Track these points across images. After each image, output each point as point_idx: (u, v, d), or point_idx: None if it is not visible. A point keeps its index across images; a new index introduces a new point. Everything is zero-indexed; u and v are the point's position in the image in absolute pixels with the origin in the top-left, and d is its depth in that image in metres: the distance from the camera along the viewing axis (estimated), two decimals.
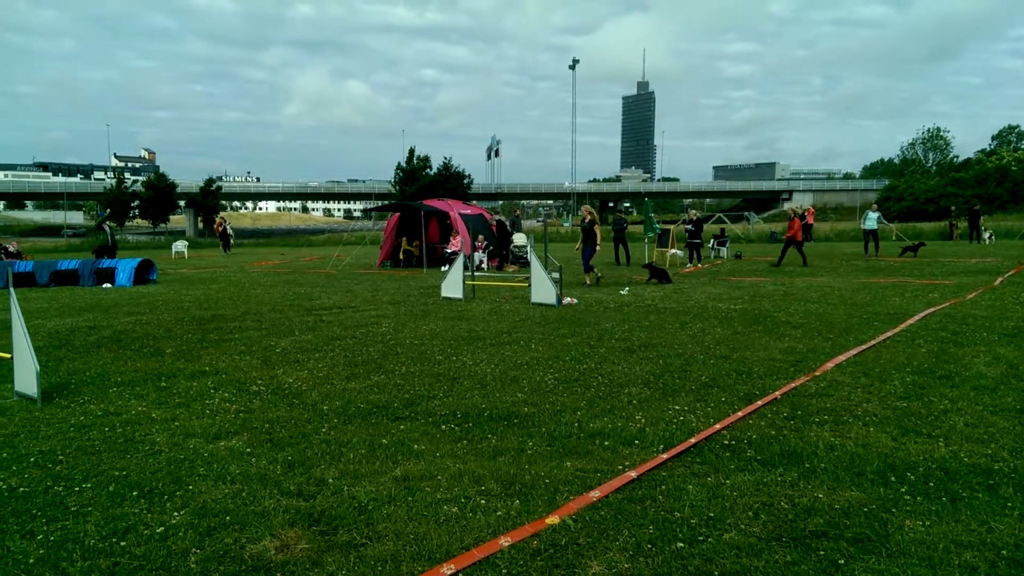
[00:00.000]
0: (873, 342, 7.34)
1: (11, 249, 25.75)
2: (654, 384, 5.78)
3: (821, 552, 2.93)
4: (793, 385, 5.61)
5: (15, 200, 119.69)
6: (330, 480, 3.79)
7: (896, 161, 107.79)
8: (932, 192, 71.99)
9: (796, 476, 3.75)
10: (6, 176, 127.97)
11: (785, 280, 14.51)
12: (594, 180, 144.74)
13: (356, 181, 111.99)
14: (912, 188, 75.14)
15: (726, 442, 4.30)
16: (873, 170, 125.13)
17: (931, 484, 3.61)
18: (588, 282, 14.32)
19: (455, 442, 4.41)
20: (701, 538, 3.07)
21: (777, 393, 5.37)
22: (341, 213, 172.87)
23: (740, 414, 4.85)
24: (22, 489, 3.73)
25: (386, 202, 56.27)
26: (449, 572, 2.79)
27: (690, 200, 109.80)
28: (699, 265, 19.51)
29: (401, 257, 22.41)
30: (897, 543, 3.00)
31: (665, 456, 4.03)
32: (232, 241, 36.53)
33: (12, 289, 5.78)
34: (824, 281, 14.05)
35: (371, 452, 4.23)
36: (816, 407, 5.02)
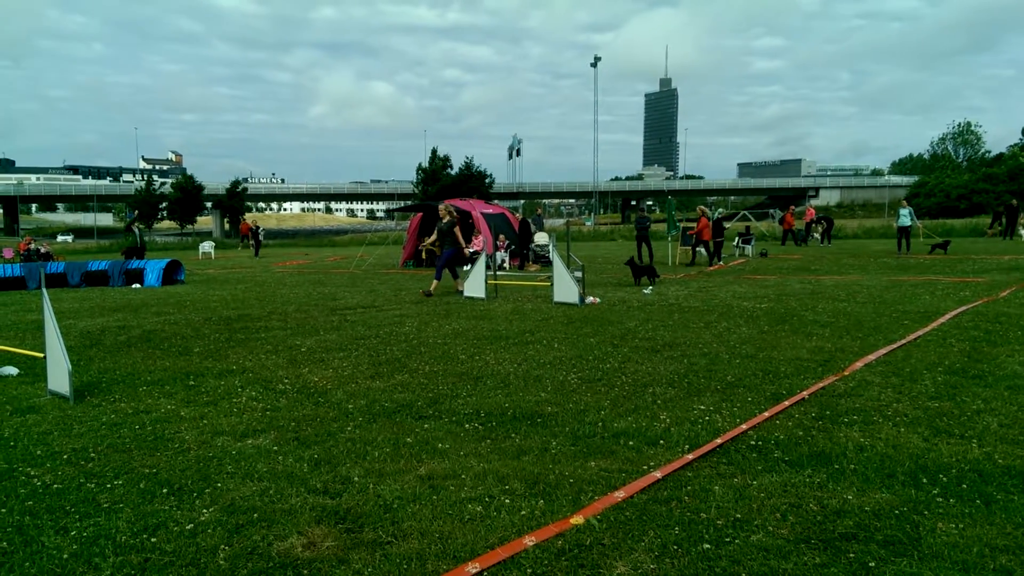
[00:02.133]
0: (903, 341, 7.22)
1: (42, 250, 26.29)
2: (679, 384, 5.74)
3: (851, 555, 2.89)
4: (821, 385, 5.54)
5: (47, 203, 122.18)
6: (356, 478, 3.81)
7: (926, 157, 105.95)
8: (963, 188, 70.58)
9: (825, 477, 3.70)
10: (38, 179, 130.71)
11: (812, 278, 14.33)
12: (616, 178, 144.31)
13: (379, 182, 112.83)
14: (943, 184, 73.74)
15: (753, 442, 4.25)
16: (902, 166, 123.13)
17: (964, 486, 3.54)
18: (460, 288, 12.76)
19: (479, 441, 4.41)
20: (728, 539, 3.04)
21: (805, 393, 5.30)
22: (364, 213, 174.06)
23: (767, 414, 4.79)
24: (56, 486, 3.80)
25: (408, 202, 56.55)
26: (474, 571, 2.80)
27: (714, 198, 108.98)
28: (721, 264, 19.33)
29: (424, 257, 22.50)
30: (929, 546, 2.94)
31: (691, 456, 4.00)
32: (262, 243, 36.49)
33: (45, 290, 5.89)
34: (852, 279, 13.86)
35: (396, 451, 4.25)
36: (845, 407, 4.95)
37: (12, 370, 6.62)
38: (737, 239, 23.76)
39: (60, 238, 74.66)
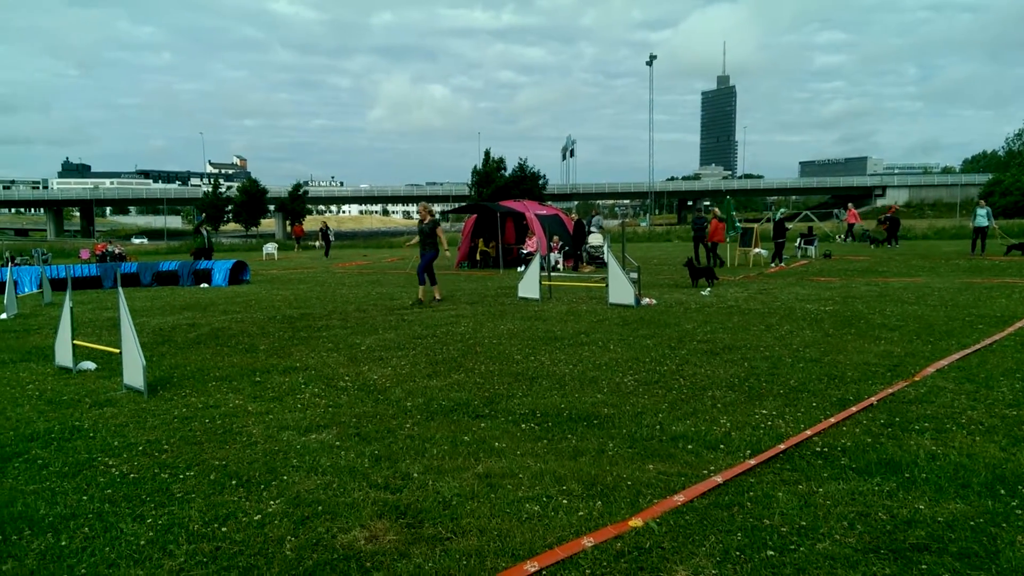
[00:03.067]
0: (978, 346, 6.92)
1: (116, 251, 27.53)
2: (739, 387, 5.64)
3: (923, 566, 2.79)
4: (890, 391, 5.35)
5: (120, 206, 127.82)
6: (415, 474, 3.87)
7: (1001, 154, 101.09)
8: None
9: (895, 486, 3.57)
10: (112, 183, 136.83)
11: (879, 280, 13.85)
12: (672, 178, 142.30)
13: (434, 184, 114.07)
14: (1019, 182, 70.14)
15: (818, 449, 4.14)
16: (975, 163, 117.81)
17: None
18: (438, 296, 12.14)
19: (535, 441, 4.43)
20: (792, 547, 2.97)
21: (873, 399, 5.13)
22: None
23: (833, 420, 4.66)
24: (132, 475, 3.98)
25: (463, 204, 56.95)
26: (532, 570, 2.81)
27: (775, 198, 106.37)
28: (782, 265, 18.87)
29: (478, 258, 22.66)
30: (1008, 560, 2.82)
31: (753, 462, 3.92)
32: (332, 243, 36.81)
33: (120, 289, 6.17)
34: (922, 281, 13.33)
35: (453, 448, 4.30)
36: (916, 414, 4.77)
37: (91, 365, 6.96)
38: (799, 240, 23.15)
39: (135, 240, 77.90)
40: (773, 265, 18.90)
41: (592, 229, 21.98)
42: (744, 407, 5.07)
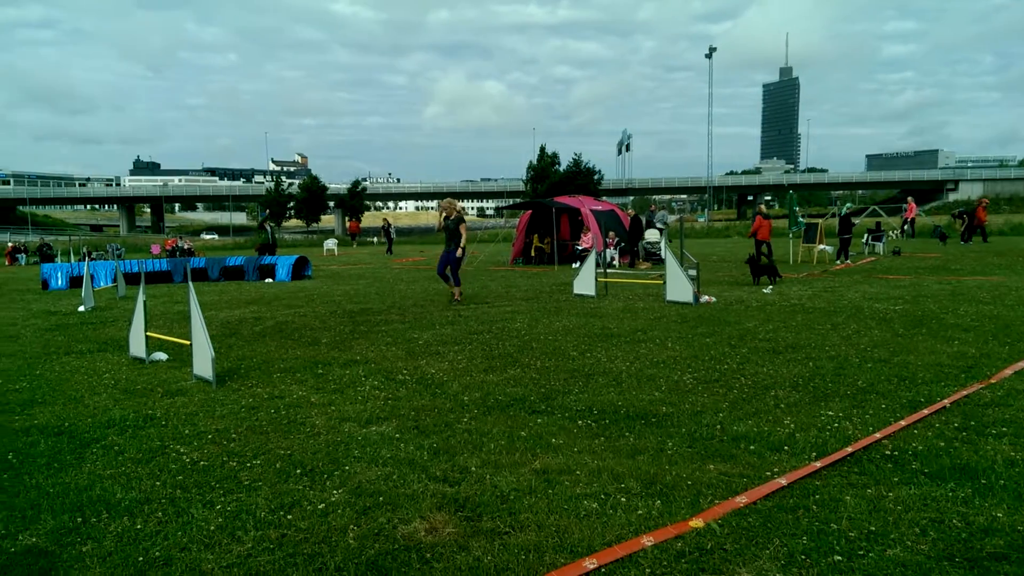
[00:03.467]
0: None
1: (186, 247, 28.57)
2: (803, 387, 5.49)
3: None
4: (964, 393, 5.13)
5: (188, 202, 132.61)
6: (473, 468, 3.90)
7: None
8: None
9: (970, 492, 3.42)
10: (180, 181, 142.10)
11: (952, 279, 13.27)
12: (731, 172, 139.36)
13: (489, 180, 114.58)
14: None
15: (887, 452, 4.00)
16: None
17: None
18: (457, 296, 11.57)
19: (592, 438, 4.40)
20: (861, 552, 2.88)
21: (946, 401, 4.93)
22: (474, 211, 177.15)
23: (903, 423, 4.49)
24: (202, 463, 4.13)
25: (517, 200, 57.01)
26: (591, 567, 2.80)
27: (840, 192, 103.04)
28: (848, 262, 18.27)
29: (532, 254, 22.66)
30: None
31: (819, 464, 3.81)
32: (393, 240, 37.27)
33: (191, 283, 6.40)
34: (998, 280, 12.72)
35: (510, 443, 4.32)
36: (992, 418, 4.56)
37: (163, 356, 7.25)
38: (866, 236, 22.37)
39: (205, 236, 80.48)
40: (839, 262, 18.32)
41: (658, 225, 21.64)
42: (809, 408, 4.93)
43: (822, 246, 19.22)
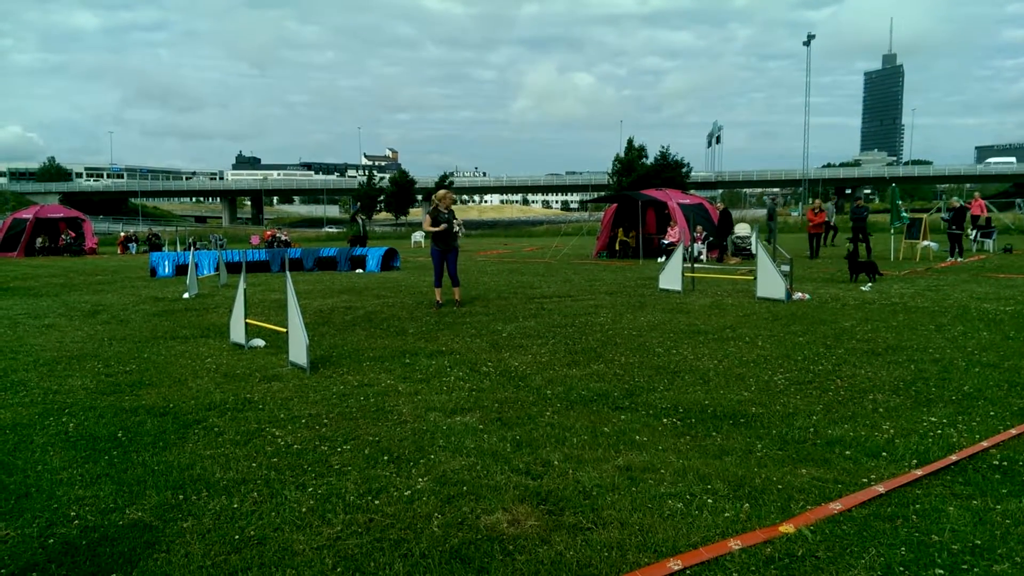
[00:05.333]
0: None
1: (283, 238, 29.82)
2: (904, 391, 5.20)
3: None
4: None
5: (286, 196, 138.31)
6: (555, 462, 3.91)
7: None
8: None
9: None
10: (278, 175, 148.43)
11: None
12: (828, 165, 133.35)
13: (574, 173, 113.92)
14: None
15: (996, 462, 3.75)
16: None
17: None
18: (458, 298, 10.83)
19: (677, 437, 4.33)
20: (965, 566, 2.71)
21: None
22: (559, 205, 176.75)
23: (1013, 431, 4.19)
24: (296, 446, 4.31)
25: (602, 193, 56.47)
26: (676, 568, 2.75)
27: (946, 186, 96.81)
28: (958, 260, 17.16)
29: (617, 248, 22.41)
30: None
31: (919, 472, 3.61)
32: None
33: (288, 273, 6.68)
34: None
35: (593, 439, 4.30)
36: None
37: (260, 342, 7.60)
38: (975, 232, 20.95)
39: (325, 229, 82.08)
40: (951, 259, 17.25)
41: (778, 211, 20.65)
42: (910, 413, 4.68)
43: (926, 242, 18.14)
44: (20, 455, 4.24)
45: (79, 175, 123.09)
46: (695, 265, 13.71)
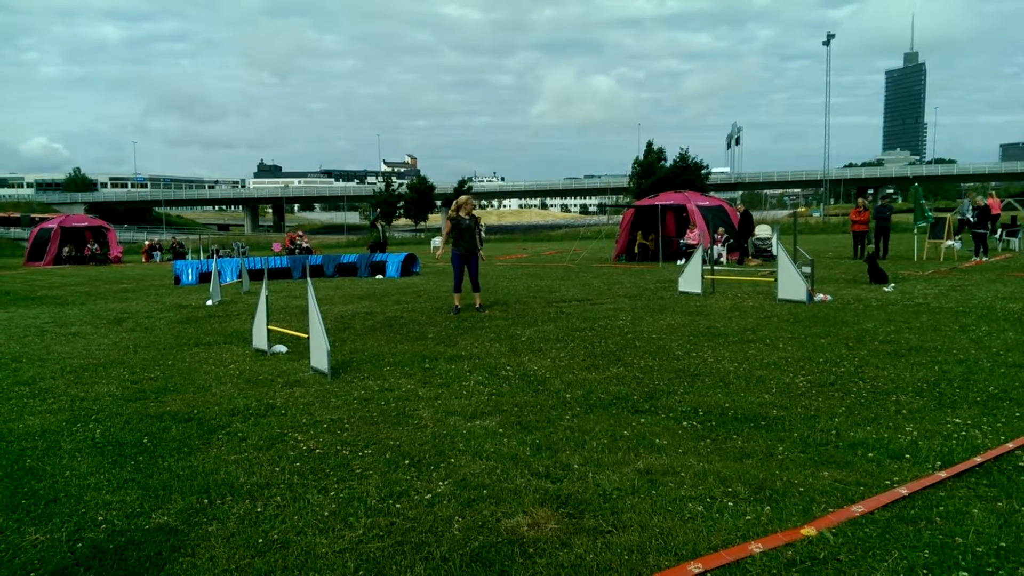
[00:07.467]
0: None
1: (304, 244, 30.09)
2: (928, 393, 5.14)
3: None
4: None
5: (306, 203, 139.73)
6: (575, 465, 3.91)
7: None
8: None
9: None
10: (299, 182, 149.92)
11: None
12: (850, 165, 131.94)
13: (592, 177, 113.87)
14: None
15: (1022, 464, 3.70)
16: None
17: None
18: (478, 303, 10.70)
19: (698, 440, 4.31)
20: (990, 569, 2.68)
21: None
22: (577, 208, 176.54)
23: None
24: (318, 451, 4.36)
25: (619, 197, 56.30)
26: (696, 571, 2.75)
27: (970, 184, 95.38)
28: (983, 259, 16.90)
29: (636, 251, 22.35)
30: None
31: (943, 474, 3.57)
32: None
33: (309, 280, 6.76)
34: None
35: (613, 442, 4.30)
36: None
37: (283, 348, 7.69)
38: (1000, 231, 20.61)
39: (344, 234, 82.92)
40: (976, 258, 17.00)
41: (968, 216, 18.65)
42: (933, 415, 4.62)
43: (950, 242, 17.90)
44: (49, 461, 4.33)
45: (104, 185, 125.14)
46: (715, 267, 13.63)
